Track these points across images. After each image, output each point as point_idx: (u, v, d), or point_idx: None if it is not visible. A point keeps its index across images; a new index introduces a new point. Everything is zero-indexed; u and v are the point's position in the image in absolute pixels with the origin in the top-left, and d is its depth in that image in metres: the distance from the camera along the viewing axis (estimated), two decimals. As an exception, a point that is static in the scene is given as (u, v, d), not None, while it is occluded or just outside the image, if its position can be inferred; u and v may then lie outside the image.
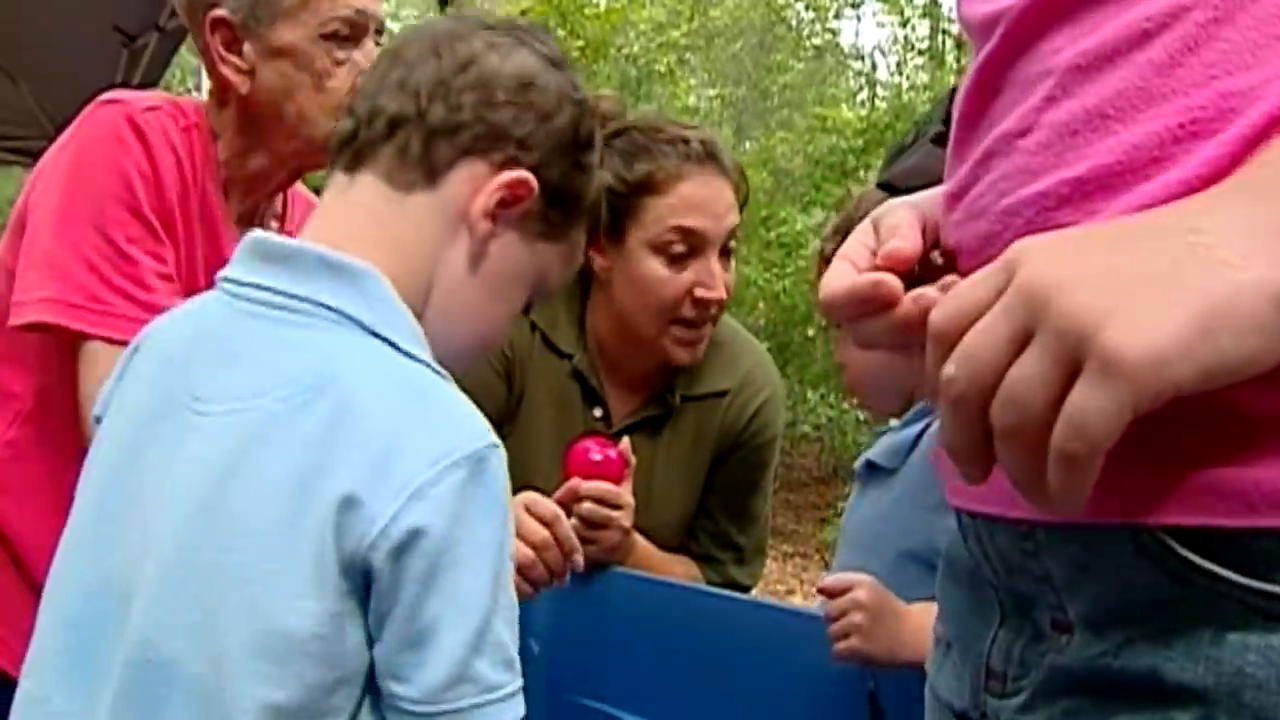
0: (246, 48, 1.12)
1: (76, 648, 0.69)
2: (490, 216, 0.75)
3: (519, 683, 0.68)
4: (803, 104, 9.05)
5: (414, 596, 0.64)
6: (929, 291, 0.53)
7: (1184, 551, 0.45)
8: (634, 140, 1.29)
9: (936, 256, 0.57)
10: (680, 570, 1.38)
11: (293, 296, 0.69)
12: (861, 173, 7.19)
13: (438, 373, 0.71)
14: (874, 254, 0.57)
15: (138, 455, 0.71)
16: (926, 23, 8.96)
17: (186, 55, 6.08)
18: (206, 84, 1.21)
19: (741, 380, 1.40)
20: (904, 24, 8.73)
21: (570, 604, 1.20)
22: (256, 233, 0.74)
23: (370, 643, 0.66)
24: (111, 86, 1.23)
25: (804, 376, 6.67)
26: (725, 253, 1.31)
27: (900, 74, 9.23)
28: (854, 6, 9.64)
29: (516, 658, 0.68)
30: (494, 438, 0.68)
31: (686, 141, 1.28)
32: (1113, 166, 0.47)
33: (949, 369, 0.44)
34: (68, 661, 0.69)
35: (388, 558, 0.63)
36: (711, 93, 9.28)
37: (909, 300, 0.54)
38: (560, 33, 6.29)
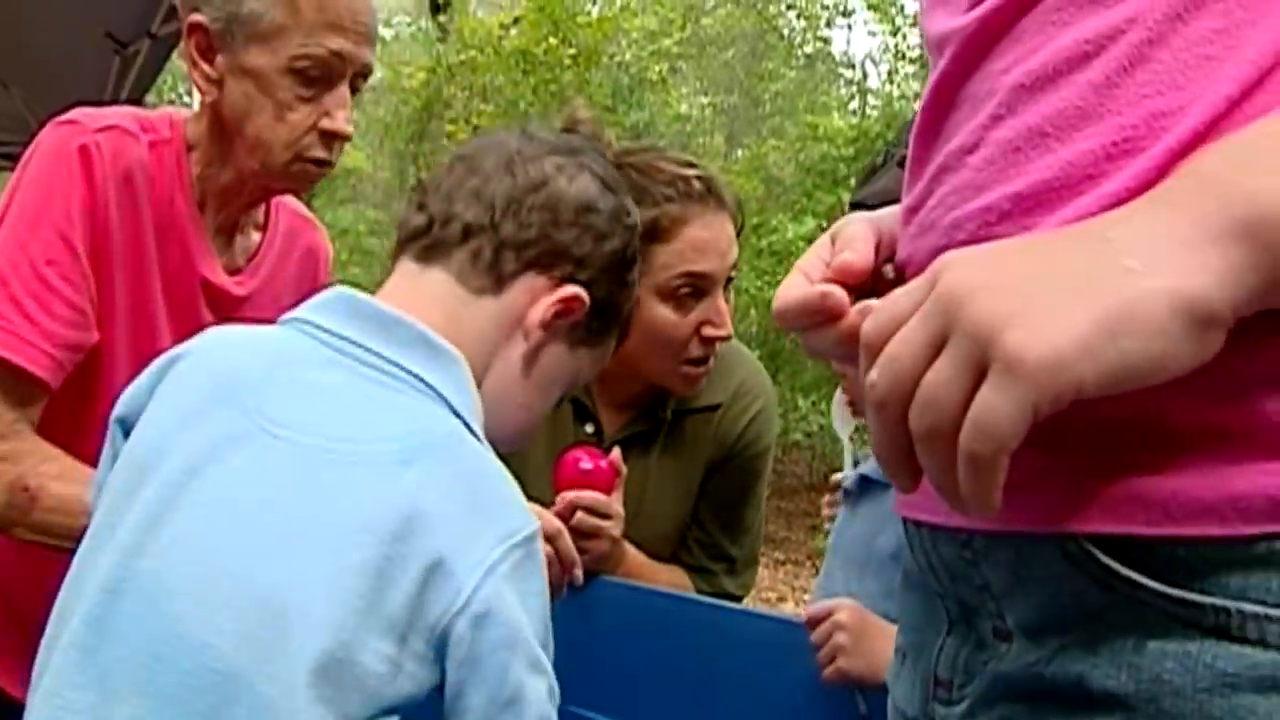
0: (219, 59, 1.11)
1: (92, 642, 0.69)
2: (544, 326, 0.82)
3: None
4: (794, 112, 9.07)
5: (502, 662, 0.69)
6: (874, 304, 0.54)
7: (1105, 559, 0.46)
8: (632, 182, 1.24)
9: (889, 270, 0.59)
10: (671, 580, 1.38)
11: (390, 362, 0.75)
12: (853, 181, 7.21)
13: (494, 456, 0.76)
14: (828, 266, 0.59)
15: (193, 463, 0.72)
16: (917, 32, 9.00)
17: (178, 62, 6.07)
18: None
19: (734, 392, 1.40)
20: (895, 33, 8.75)
21: (561, 613, 1.20)
22: (346, 290, 0.80)
23: (417, 697, 0.69)
24: (103, 93, 1.23)
25: (795, 384, 6.68)
26: (726, 284, 1.32)
27: (891, 83, 9.26)
28: (845, 15, 9.67)
29: None
30: (537, 520, 0.74)
31: (686, 180, 1.26)
32: (1050, 182, 0.48)
33: (872, 375, 0.46)
34: (81, 654, 0.69)
35: (470, 625, 0.68)
36: (703, 101, 9.30)
37: (855, 313, 0.55)
38: (552, 40, 6.29)
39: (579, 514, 1.24)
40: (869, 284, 0.57)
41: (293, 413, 0.73)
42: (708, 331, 1.29)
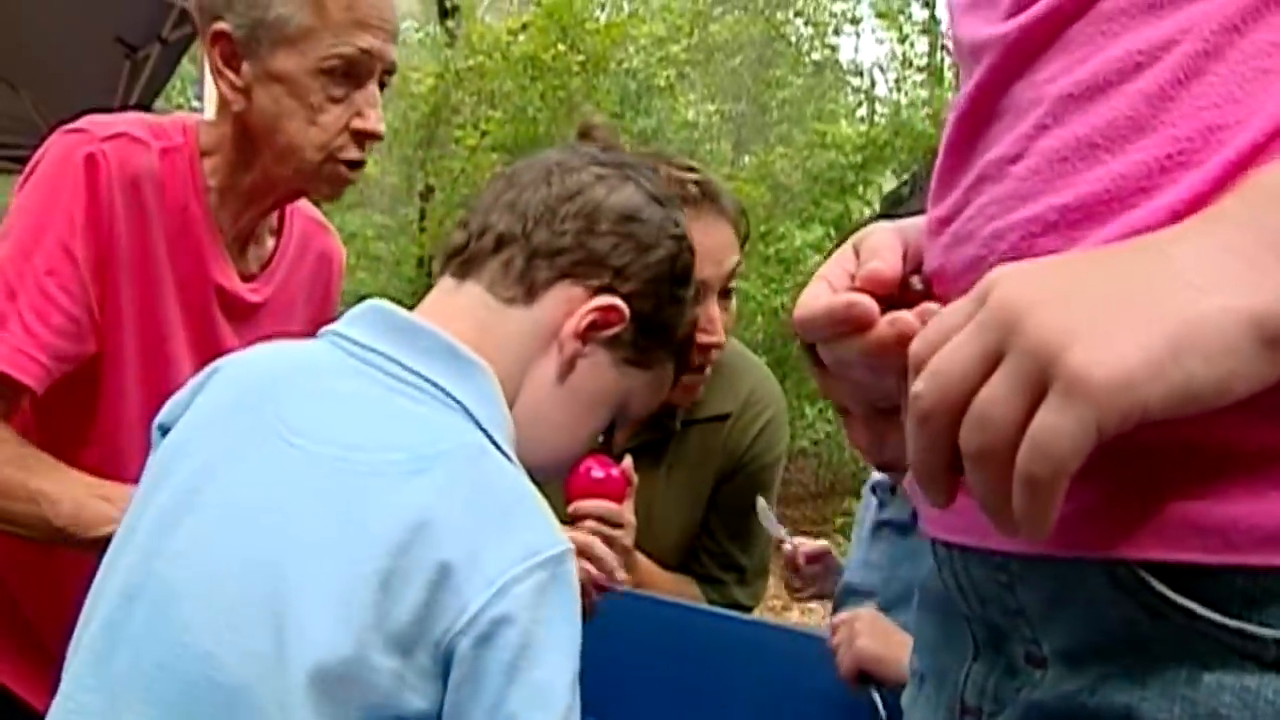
0: (245, 66, 1.10)
1: (107, 646, 0.69)
2: (580, 337, 0.79)
3: None
4: (802, 119, 9.07)
5: (498, 687, 0.65)
6: (905, 315, 0.53)
7: (1160, 587, 0.44)
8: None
9: (916, 282, 0.57)
10: (682, 589, 1.37)
11: (412, 372, 0.73)
12: (860, 189, 7.20)
13: (520, 470, 0.74)
14: (852, 277, 0.56)
15: (209, 467, 0.72)
16: (925, 39, 8.99)
17: (188, 66, 6.09)
18: (208, 95, 1.20)
19: (744, 402, 1.40)
20: (903, 40, 8.76)
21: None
22: (380, 302, 0.78)
23: (429, 713, 0.67)
24: (113, 97, 1.22)
25: (801, 391, 6.66)
26: (726, 293, 1.31)
27: (899, 90, 9.26)
28: (853, 23, 9.67)
29: None
30: (568, 542, 0.71)
31: (682, 184, 1.27)
32: (1100, 195, 0.47)
33: (917, 386, 0.44)
34: (96, 659, 0.69)
35: (473, 645, 0.65)
36: (711, 108, 9.31)
37: (885, 323, 0.53)
38: (561, 46, 6.30)
39: (590, 523, 1.23)
40: (895, 295, 0.55)
41: (311, 421, 0.71)
42: (700, 339, 1.28)
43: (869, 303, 0.54)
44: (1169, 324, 0.39)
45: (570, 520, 1.26)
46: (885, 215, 1.22)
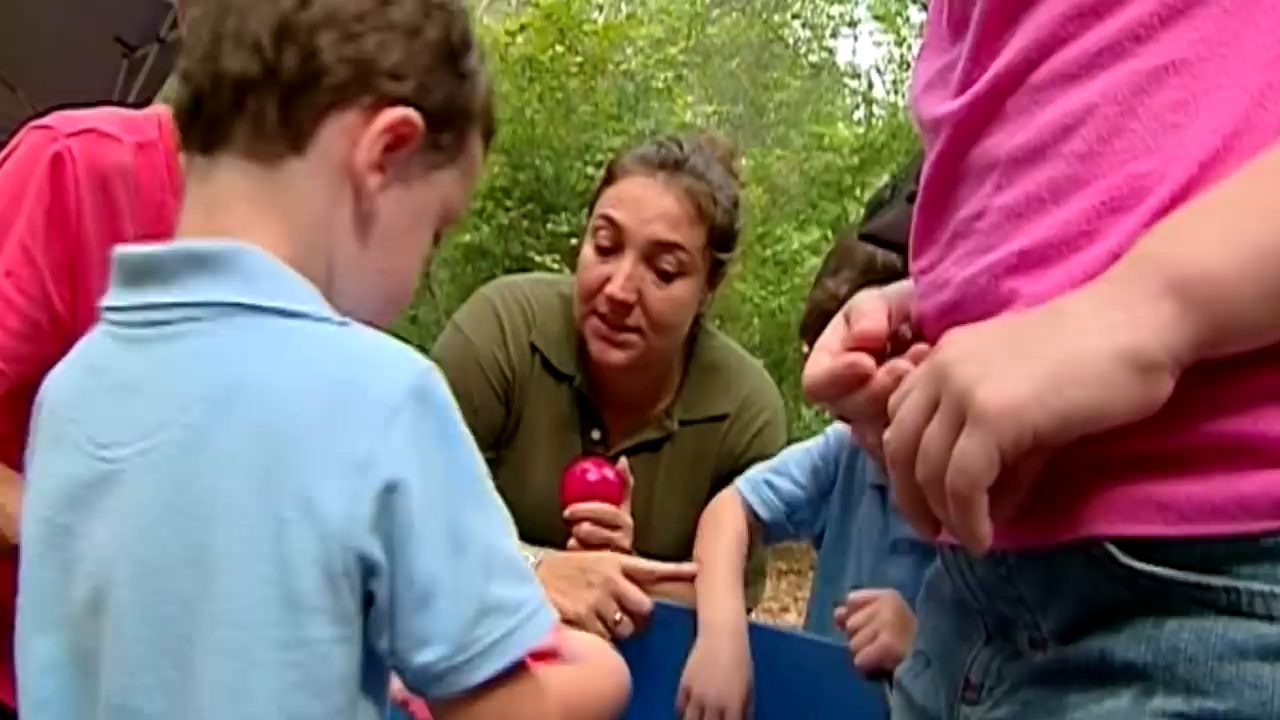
0: None
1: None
2: (378, 167, 0.67)
3: (540, 591, 0.65)
4: (799, 122, 9.07)
5: (406, 559, 0.60)
6: (900, 362, 0.63)
7: (1126, 559, 0.52)
8: (640, 142, 1.33)
9: (905, 330, 0.66)
10: (680, 592, 1.37)
11: (170, 306, 0.63)
12: (858, 190, 7.20)
13: (345, 324, 0.65)
14: (846, 339, 0.66)
15: (58, 525, 0.66)
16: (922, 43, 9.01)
17: (185, 66, 6.07)
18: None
19: (741, 403, 1.40)
20: (900, 43, 8.76)
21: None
22: (120, 249, 0.67)
23: (363, 661, 0.63)
24: (111, 97, 1.22)
25: (798, 393, 6.67)
26: (668, 271, 1.29)
27: (896, 92, 9.26)
28: (851, 25, 9.68)
29: (527, 567, 0.66)
30: (424, 360, 0.63)
31: (659, 146, 1.32)
32: (1051, 240, 0.56)
33: (887, 434, 0.55)
34: None
35: (372, 539, 0.60)
36: (708, 109, 9.30)
37: (883, 372, 0.63)
38: (559, 48, 6.30)
39: (587, 526, 1.24)
40: (888, 347, 0.65)
41: (112, 425, 0.64)
42: (607, 289, 1.28)
43: (866, 359, 0.63)
44: (1053, 362, 0.49)
45: (567, 523, 1.26)
46: (868, 217, 1.23)
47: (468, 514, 0.62)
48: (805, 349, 1.24)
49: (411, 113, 0.67)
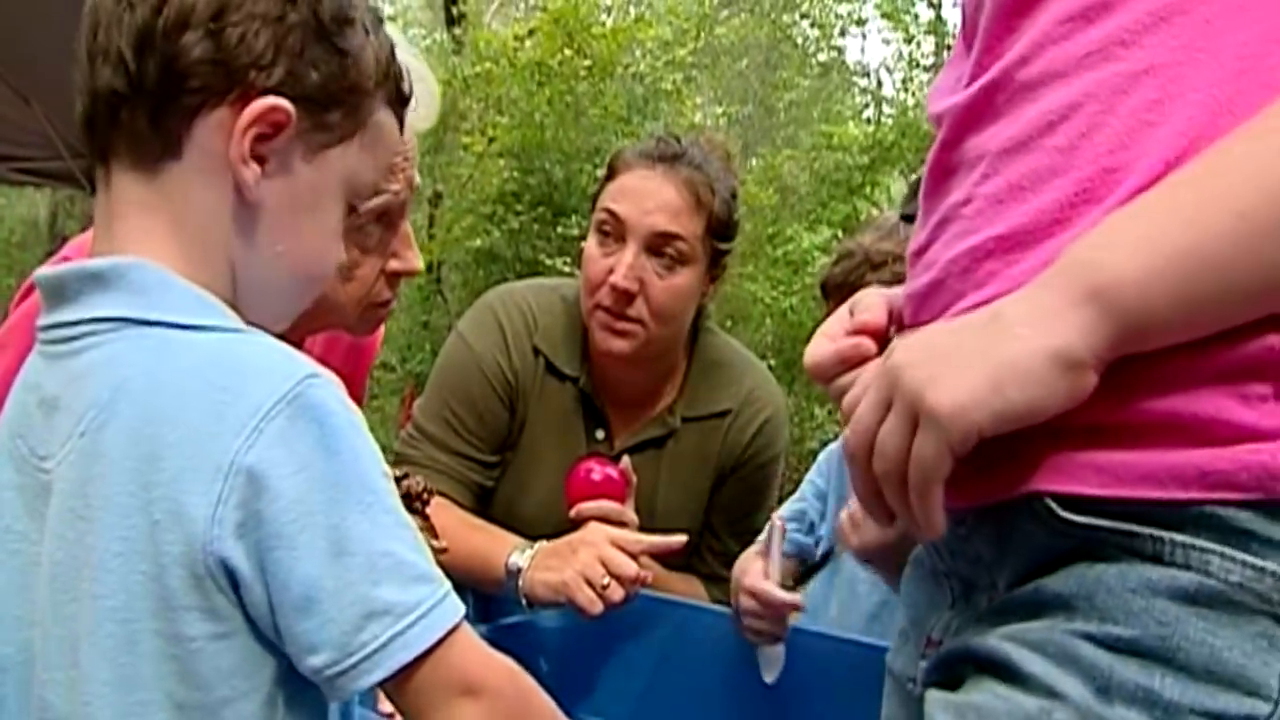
0: None
1: None
2: (256, 158, 0.67)
3: (442, 589, 0.64)
4: (809, 121, 9.07)
5: (281, 565, 0.61)
6: None
7: (1064, 513, 0.57)
8: (640, 140, 1.37)
9: (894, 334, 0.70)
10: (685, 588, 1.39)
11: (75, 324, 0.66)
12: (868, 189, 7.19)
13: (237, 330, 0.67)
14: (848, 326, 0.72)
15: (16, 532, 0.68)
16: (931, 39, 8.98)
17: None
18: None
19: (743, 400, 1.41)
20: (909, 41, 8.76)
21: (578, 622, 1.20)
22: (39, 272, 0.70)
23: (270, 652, 0.64)
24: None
25: (810, 392, 6.66)
26: (669, 260, 1.32)
27: (906, 90, 9.25)
28: (859, 24, 9.66)
29: (428, 568, 0.65)
30: (308, 368, 0.64)
31: (657, 141, 1.35)
32: (1026, 226, 0.60)
33: (845, 434, 0.61)
34: None
35: (234, 544, 0.61)
36: (718, 110, 9.31)
37: (875, 364, 0.66)
38: (567, 52, 6.31)
39: (593, 524, 1.25)
40: (885, 344, 0.69)
41: (45, 439, 0.67)
42: (610, 279, 1.30)
43: (869, 343, 0.69)
44: (993, 365, 0.55)
45: (573, 523, 1.28)
46: (908, 200, 1.25)
47: (351, 519, 0.62)
48: (829, 306, 1.27)
49: (278, 100, 0.66)
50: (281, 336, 0.97)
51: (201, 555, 0.61)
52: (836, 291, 1.28)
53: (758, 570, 1.18)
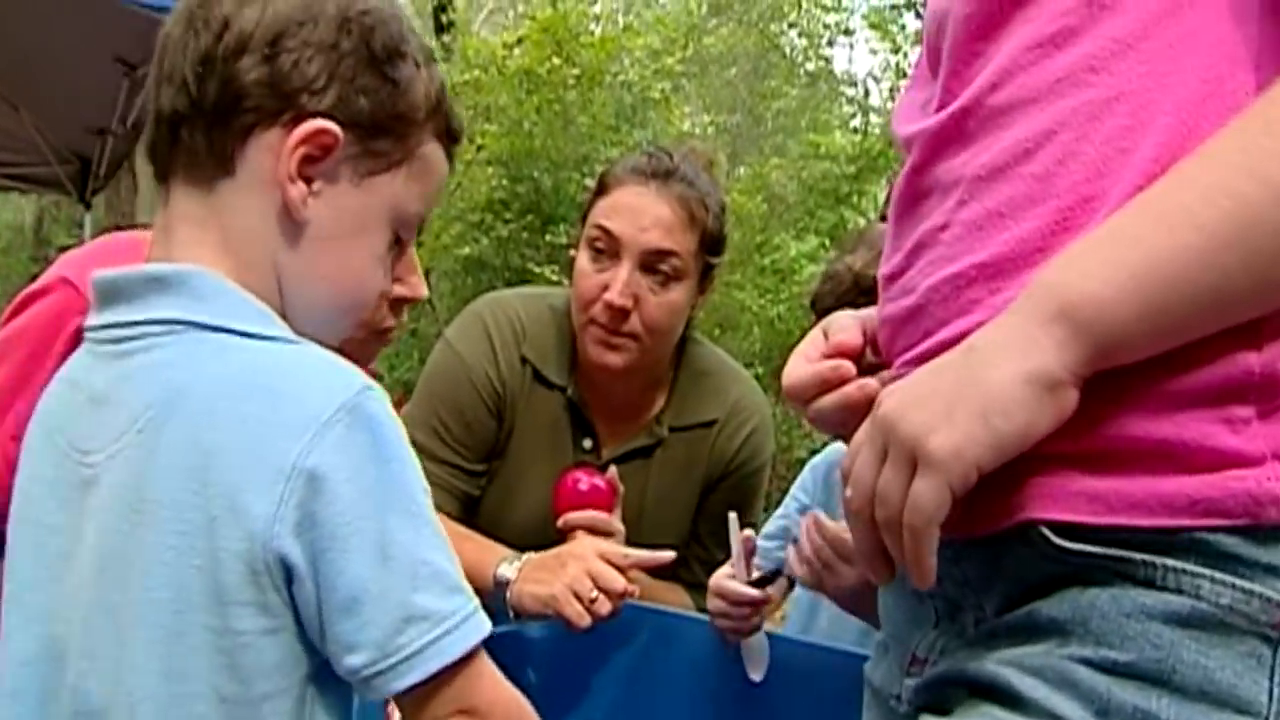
0: None
1: (24, 717, 0.69)
2: (303, 178, 0.70)
3: (472, 604, 0.68)
4: (796, 130, 9.11)
5: (331, 565, 0.64)
6: (870, 381, 0.69)
7: (1058, 540, 0.58)
8: (630, 154, 1.37)
9: (870, 355, 0.73)
10: (672, 598, 1.39)
11: (132, 324, 0.69)
12: (855, 198, 7.22)
13: (293, 341, 0.69)
14: (824, 348, 0.73)
15: (47, 525, 0.71)
16: (918, 49, 9.03)
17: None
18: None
19: (730, 409, 1.42)
20: (896, 51, 8.79)
21: (565, 632, 1.20)
22: (95, 273, 0.72)
23: (308, 651, 0.66)
24: (111, 116, 1.21)
25: (799, 401, 6.67)
26: (664, 277, 1.32)
27: (893, 100, 9.29)
28: (846, 34, 9.72)
29: (461, 582, 0.68)
30: (364, 381, 0.66)
31: (649, 157, 1.35)
32: (1008, 254, 0.61)
33: (846, 492, 0.62)
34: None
35: (293, 542, 0.63)
36: (706, 119, 9.33)
37: (854, 387, 0.69)
38: (556, 60, 6.32)
39: (580, 534, 1.25)
40: (859, 364, 0.71)
41: (91, 434, 0.69)
42: (605, 296, 1.31)
43: (848, 365, 0.70)
44: (976, 400, 0.56)
45: (560, 532, 1.28)
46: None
47: (397, 526, 0.65)
48: (814, 319, 1.27)
49: (327, 123, 0.69)
50: None
51: (261, 552, 0.63)
52: (826, 314, 1.28)
53: (724, 570, 1.21)
